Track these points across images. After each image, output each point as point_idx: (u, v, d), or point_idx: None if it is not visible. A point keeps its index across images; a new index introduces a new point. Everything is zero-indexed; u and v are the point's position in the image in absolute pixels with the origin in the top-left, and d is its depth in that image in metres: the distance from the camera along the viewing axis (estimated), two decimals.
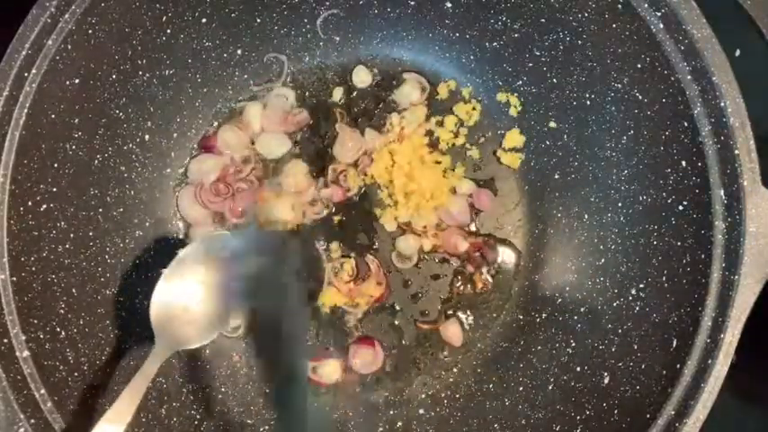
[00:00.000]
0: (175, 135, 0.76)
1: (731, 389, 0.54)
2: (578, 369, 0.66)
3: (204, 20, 0.70)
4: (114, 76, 0.65)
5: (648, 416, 0.55)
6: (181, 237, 0.77)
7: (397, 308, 0.77)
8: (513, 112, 0.77)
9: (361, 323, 0.76)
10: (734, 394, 0.58)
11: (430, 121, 0.79)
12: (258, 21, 0.74)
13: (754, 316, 0.53)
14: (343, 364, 0.76)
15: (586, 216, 0.71)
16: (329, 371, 0.75)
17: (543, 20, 0.68)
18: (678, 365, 0.54)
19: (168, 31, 0.68)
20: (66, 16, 0.57)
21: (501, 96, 0.77)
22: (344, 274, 0.76)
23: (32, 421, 0.53)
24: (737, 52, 0.63)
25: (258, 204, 0.77)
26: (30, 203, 0.58)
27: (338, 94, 0.80)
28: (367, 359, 0.75)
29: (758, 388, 0.72)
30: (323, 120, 0.80)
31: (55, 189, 0.61)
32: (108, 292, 0.67)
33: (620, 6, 0.60)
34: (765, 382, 0.72)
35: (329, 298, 0.76)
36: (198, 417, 0.70)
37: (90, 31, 0.60)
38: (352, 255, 0.77)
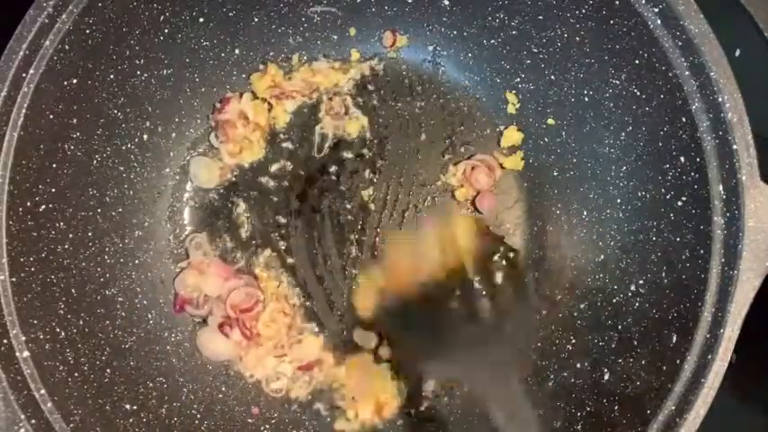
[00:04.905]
0: (174, 135, 0.75)
1: (730, 388, 0.54)
2: (578, 366, 0.66)
3: (201, 19, 0.70)
4: (112, 77, 0.65)
5: (649, 412, 0.55)
6: (182, 239, 0.77)
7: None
8: (510, 109, 0.77)
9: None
10: (732, 393, 0.58)
11: None
12: (255, 20, 0.74)
13: (752, 312, 0.53)
14: None
15: (585, 212, 0.71)
16: None
17: (540, 16, 0.68)
18: (678, 361, 0.54)
19: (166, 30, 0.68)
20: (64, 16, 0.57)
21: (498, 94, 0.77)
22: None
23: (33, 422, 0.53)
24: (737, 52, 0.63)
25: None
26: (28, 204, 0.58)
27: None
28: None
29: (757, 387, 0.72)
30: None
31: (54, 189, 0.61)
32: (108, 292, 0.67)
33: (617, 2, 0.59)
34: (764, 381, 0.71)
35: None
36: (198, 417, 0.70)
37: (87, 32, 0.59)
38: None
